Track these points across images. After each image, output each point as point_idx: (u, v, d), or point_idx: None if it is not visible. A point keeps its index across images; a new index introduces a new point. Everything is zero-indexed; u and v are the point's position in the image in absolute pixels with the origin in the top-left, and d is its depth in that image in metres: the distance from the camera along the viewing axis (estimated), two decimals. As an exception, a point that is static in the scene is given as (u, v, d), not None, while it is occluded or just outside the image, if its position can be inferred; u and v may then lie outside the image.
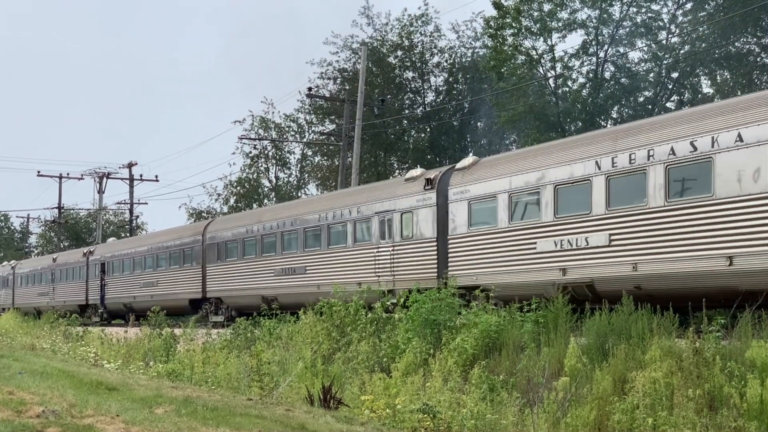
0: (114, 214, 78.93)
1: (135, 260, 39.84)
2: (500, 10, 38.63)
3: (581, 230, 17.56)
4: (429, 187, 21.99)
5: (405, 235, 22.61)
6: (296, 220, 27.92)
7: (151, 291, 37.45)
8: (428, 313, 15.94)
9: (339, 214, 25.64)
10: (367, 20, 50.59)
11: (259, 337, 20.12)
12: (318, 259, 26.48)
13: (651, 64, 37.86)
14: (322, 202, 28.13)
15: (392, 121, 49.21)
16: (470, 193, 20.69)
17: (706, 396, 10.77)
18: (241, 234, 31.08)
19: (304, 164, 59.49)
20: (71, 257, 48.90)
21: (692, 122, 15.89)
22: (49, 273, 50.73)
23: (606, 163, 17.12)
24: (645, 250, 16.11)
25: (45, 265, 52.69)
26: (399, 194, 23.25)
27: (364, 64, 38.64)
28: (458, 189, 21.08)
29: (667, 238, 15.74)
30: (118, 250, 42.36)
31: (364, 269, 24.03)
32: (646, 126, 17.16)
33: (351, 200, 25.75)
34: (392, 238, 23.06)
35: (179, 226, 48.33)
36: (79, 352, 22.25)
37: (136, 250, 40.21)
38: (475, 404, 12.07)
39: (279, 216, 29.49)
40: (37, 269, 53.95)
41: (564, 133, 35.56)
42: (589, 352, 13.06)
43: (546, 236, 18.34)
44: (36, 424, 7.86)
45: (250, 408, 10.30)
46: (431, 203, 21.84)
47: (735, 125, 14.88)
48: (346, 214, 25.40)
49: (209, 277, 33.06)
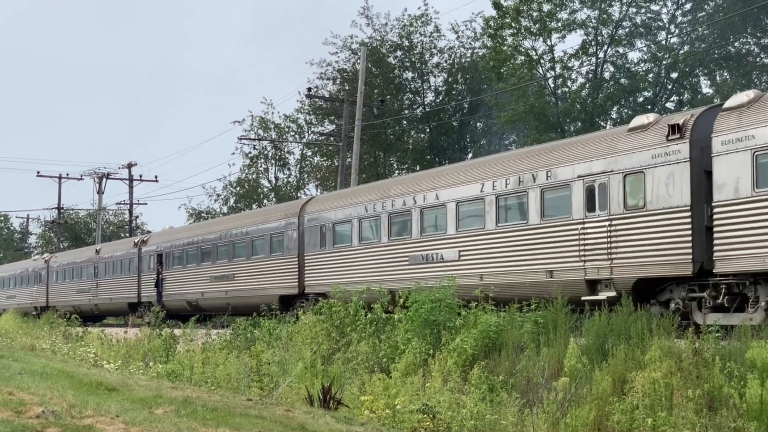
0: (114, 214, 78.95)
1: (202, 250, 33.48)
2: (500, 11, 38.64)
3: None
4: (676, 135, 16.40)
5: (631, 205, 17.17)
6: (439, 194, 22.18)
7: (225, 286, 31.65)
8: (428, 314, 15.94)
9: (516, 181, 19.82)
10: (366, 20, 50.65)
11: (259, 338, 20.12)
12: (478, 242, 20.81)
13: (650, 64, 37.88)
14: (487, 167, 21.60)
15: (392, 121, 49.22)
16: (756, 140, 15.07)
17: (705, 396, 10.78)
18: (358, 214, 25.14)
19: (303, 164, 59.52)
20: (119, 248, 43.18)
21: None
22: (92, 267, 44.74)
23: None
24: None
25: (86, 257, 46.54)
26: (620, 149, 17.62)
27: (363, 64, 38.65)
28: (732, 136, 15.36)
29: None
30: (180, 238, 36.01)
31: (559, 252, 18.52)
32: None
33: (535, 163, 19.76)
34: (608, 210, 17.53)
35: (265, 208, 43.52)
36: (79, 352, 22.25)
37: (204, 237, 33.69)
38: (475, 404, 12.08)
39: (414, 189, 23.39)
40: (76, 262, 47.58)
41: (563, 134, 35.58)
42: (589, 353, 13.08)
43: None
44: (36, 424, 7.86)
45: (250, 408, 10.30)
46: (680, 158, 16.27)
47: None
48: (527, 180, 19.52)
49: (308, 268, 27.35)
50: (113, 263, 41.84)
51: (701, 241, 15.74)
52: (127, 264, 40.07)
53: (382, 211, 24.04)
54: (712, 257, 15.48)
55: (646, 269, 16.56)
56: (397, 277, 22.68)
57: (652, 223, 16.61)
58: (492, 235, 20.31)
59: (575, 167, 18.35)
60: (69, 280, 47.63)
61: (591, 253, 17.68)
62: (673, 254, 16.13)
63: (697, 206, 15.87)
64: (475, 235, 20.77)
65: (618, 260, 17.10)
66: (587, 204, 17.94)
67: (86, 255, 46.99)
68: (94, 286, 43.68)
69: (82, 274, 45.83)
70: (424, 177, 24.58)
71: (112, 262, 42.09)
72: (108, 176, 63.27)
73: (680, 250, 16.01)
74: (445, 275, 19.42)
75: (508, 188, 19.97)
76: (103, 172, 63.20)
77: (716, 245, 15.33)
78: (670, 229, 16.23)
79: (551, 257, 18.62)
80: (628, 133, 17.74)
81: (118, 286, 40.96)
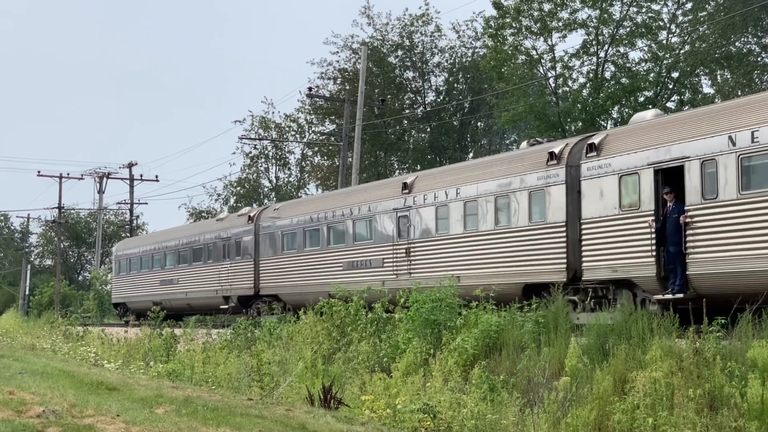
0: (114, 214, 78.98)
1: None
2: (500, 10, 38.62)
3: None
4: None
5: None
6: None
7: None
8: (428, 313, 15.94)
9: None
10: (367, 20, 50.64)
11: (260, 337, 20.14)
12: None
13: (651, 64, 37.85)
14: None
15: (392, 121, 49.21)
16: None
17: (706, 396, 10.78)
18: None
19: (304, 164, 59.53)
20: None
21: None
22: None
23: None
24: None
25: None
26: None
27: (364, 64, 38.65)
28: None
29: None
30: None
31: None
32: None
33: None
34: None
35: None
36: (80, 352, 22.24)
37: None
38: (476, 404, 12.07)
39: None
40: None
41: (564, 134, 35.56)
42: (590, 352, 13.08)
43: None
44: (36, 424, 7.85)
45: (251, 408, 10.30)
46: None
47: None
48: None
49: None
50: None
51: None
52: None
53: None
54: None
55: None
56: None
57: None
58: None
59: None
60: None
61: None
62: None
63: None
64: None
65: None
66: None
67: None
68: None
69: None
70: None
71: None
72: (108, 176, 63.23)
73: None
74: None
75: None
76: (104, 172, 63.18)
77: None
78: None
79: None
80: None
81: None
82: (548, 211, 18.68)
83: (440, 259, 21.75)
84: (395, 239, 23.47)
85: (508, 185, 19.91)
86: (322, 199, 29.87)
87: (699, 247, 15.50)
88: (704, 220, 15.48)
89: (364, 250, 24.91)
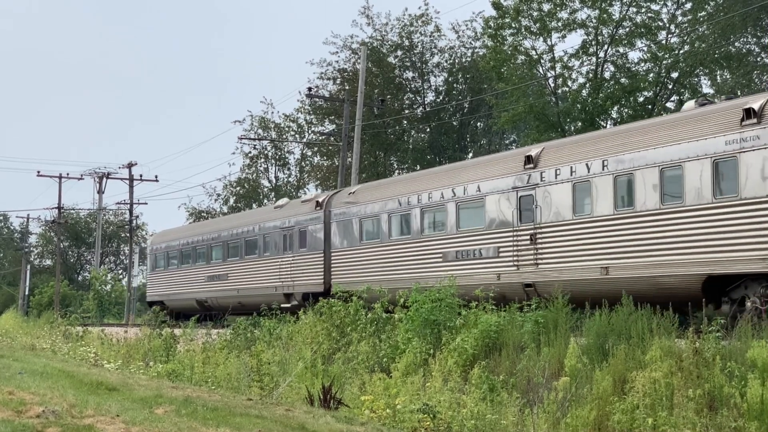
0: (114, 214, 78.96)
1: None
2: (499, 10, 38.61)
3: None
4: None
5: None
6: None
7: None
8: (428, 313, 15.94)
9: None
10: (367, 20, 50.63)
11: (259, 337, 20.13)
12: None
13: (650, 64, 37.84)
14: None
15: (392, 121, 49.19)
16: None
17: (706, 396, 10.78)
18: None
19: (303, 164, 59.53)
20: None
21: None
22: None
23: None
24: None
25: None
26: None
27: (363, 64, 38.64)
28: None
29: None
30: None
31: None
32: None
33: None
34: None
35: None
36: (79, 352, 22.22)
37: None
38: (475, 404, 12.08)
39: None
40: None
41: (564, 133, 35.56)
42: (589, 352, 13.07)
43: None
44: (36, 424, 7.85)
45: (250, 408, 10.30)
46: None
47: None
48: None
49: None
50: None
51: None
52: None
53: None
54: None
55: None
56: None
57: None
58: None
59: None
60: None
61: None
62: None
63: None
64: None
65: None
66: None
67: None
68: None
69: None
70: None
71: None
72: (108, 176, 63.23)
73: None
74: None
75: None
76: (104, 172, 63.20)
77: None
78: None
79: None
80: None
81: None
82: (744, 183, 15.40)
83: (580, 247, 18.61)
84: (516, 224, 20.34)
85: (679, 154, 16.63)
86: (412, 180, 26.04)
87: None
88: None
89: (472, 237, 21.63)
